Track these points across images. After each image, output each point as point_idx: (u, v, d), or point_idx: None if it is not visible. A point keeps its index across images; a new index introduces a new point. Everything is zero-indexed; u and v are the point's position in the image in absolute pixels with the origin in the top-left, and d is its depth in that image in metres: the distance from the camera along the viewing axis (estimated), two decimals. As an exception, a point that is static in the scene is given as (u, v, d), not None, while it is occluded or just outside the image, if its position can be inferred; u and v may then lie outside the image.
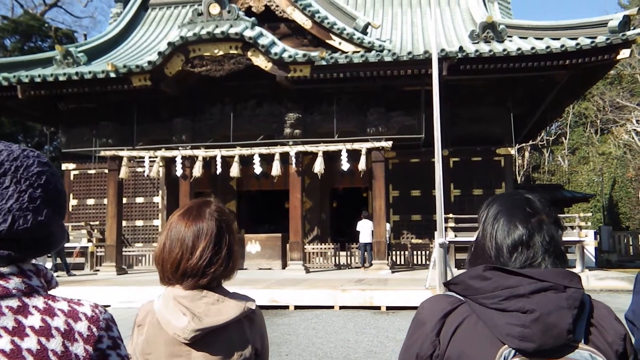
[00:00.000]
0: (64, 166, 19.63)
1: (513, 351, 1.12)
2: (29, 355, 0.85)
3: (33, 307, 0.90)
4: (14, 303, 0.89)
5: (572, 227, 15.17)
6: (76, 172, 19.50)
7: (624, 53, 13.45)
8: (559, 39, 13.93)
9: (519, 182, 32.12)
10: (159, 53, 13.49)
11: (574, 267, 14.80)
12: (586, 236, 15.16)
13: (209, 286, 1.48)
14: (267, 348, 1.61)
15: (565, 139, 35.44)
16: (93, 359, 0.91)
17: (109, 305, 10.05)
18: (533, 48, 13.44)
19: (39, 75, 14.33)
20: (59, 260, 14.98)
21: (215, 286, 1.50)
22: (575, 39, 13.58)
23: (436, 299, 1.29)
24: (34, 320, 0.89)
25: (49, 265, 14.96)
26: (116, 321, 1.02)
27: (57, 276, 14.43)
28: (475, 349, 1.17)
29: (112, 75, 13.79)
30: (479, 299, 1.18)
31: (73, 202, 19.35)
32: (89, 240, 16.94)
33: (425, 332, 1.24)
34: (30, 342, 0.86)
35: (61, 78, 14.18)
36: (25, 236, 0.93)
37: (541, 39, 14.35)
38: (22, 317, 0.88)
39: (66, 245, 15.24)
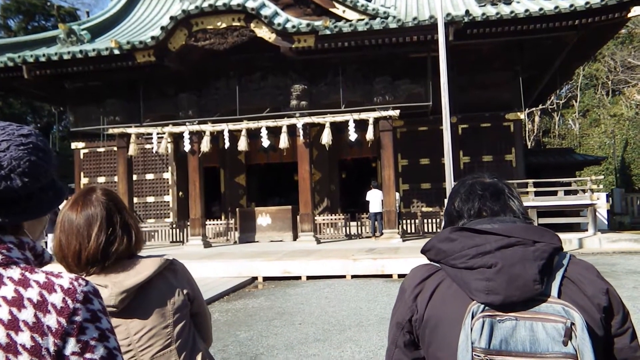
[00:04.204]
0: (73, 145, 19.75)
1: (482, 306, 1.12)
2: (0, 325, 0.86)
3: (8, 278, 0.91)
4: None
5: (584, 191, 15.09)
6: (86, 150, 19.61)
7: (635, 10, 13.12)
8: (568, -2, 13.62)
9: (529, 147, 31.85)
10: (162, 28, 13.39)
11: (586, 230, 14.78)
12: (598, 199, 15.07)
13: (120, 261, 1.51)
14: (198, 292, 1.67)
15: (576, 101, 34.93)
16: (68, 331, 0.90)
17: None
18: (541, 9, 13.15)
19: (44, 55, 14.30)
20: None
21: (124, 258, 1.53)
22: (585, -3, 13.27)
23: (417, 267, 1.33)
24: (7, 290, 0.89)
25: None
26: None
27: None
28: (449, 309, 1.19)
29: (116, 52, 13.73)
30: (449, 261, 1.20)
31: (84, 180, 19.51)
32: (102, 218, 17.11)
33: (404, 299, 1.28)
34: (1, 312, 0.87)
35: (65, 57, 14.14)
36: None
37: (550, -1, 14.03)
38: None
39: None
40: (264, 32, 13.19)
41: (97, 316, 0.94)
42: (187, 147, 14.88)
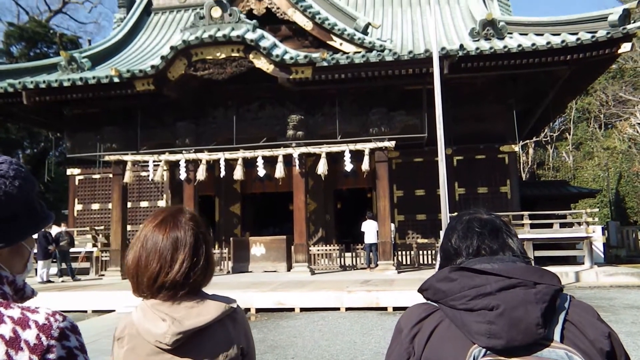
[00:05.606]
0: (69, 171, 19.73)
1: (483, 350, 1.09)
2: None
3: None
4: None
5: (579, 223, 15.11)
6: (81, 177, 19.59)
7: (625, 47, 13.42)
8: (559, 34, 13.91)
9: (523, 179, 32.02)
10: (162, 57, 13.54)
11: (583, 263, 14.74)
12: (594, 232, 15.08)
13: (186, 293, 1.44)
14: (253, 348, 1.58)
15: (569, 134, 35.31)
16: None
17: (113, 310, 10.08)
18: (534, 44, 13.41)
19: (44, 81, 14.42)
20: (64, 265, 15.06)
21: (193, 291, 1.45)
22: (576, 34, 13.55)
23: (414, 307, 1.29)
24: None
25: (53, 270, 15.02)
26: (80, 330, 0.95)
27: (62, 281, 14.54)
28: (448, 351, 1.15)
29: (116, 80, 13.87)
30: (448, 302, 1.17)
31: (78, 207, 19.43)
32: (94, 245, 17.00)
33: (400, 340, 1.24)
34: None
35: (65, 84, 14.26)
36: None
37: (541, 35, 14.32)
38: None
39: (72, 250, 15.33)
40: (262, 63, 13.36)
41: (73, 354, 0.91)
42: (183, 175, 14.89)
